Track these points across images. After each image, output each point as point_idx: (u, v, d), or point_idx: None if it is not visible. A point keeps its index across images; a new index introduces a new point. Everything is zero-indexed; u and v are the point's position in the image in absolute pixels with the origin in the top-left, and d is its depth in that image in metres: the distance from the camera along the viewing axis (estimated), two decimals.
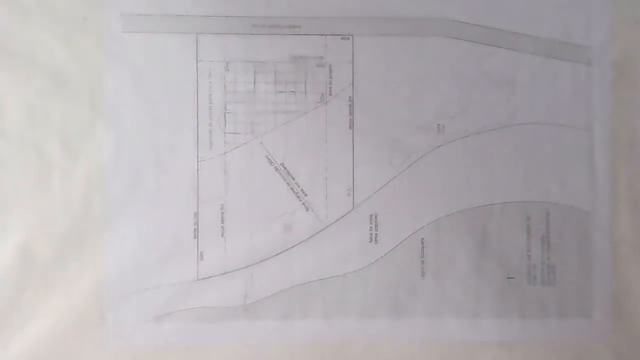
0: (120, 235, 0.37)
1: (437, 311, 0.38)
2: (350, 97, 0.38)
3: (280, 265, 0.37)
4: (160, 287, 0.37)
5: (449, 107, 0.38)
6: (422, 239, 0.38)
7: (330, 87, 0.38)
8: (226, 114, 0.38)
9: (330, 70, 0.38)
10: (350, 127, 0.38)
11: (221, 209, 0.37)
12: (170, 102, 0.37)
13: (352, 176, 0.38)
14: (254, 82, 0.38)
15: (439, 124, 0.38)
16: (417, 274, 0.38)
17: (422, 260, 0.38)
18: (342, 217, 0.38)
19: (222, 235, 0.37)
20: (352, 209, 0.38)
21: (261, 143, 0.38)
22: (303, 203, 0.38)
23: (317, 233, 0.38)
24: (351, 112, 0.38)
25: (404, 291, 0.38)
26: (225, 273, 0.37)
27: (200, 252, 0.37)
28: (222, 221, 0.37)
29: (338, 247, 0.38)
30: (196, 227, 0.37)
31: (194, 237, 0.37)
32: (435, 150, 0.38)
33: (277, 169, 0.38)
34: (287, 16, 0.38)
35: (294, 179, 0.38)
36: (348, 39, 0.38)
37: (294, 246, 0.37)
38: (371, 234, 0.38)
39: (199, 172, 0.37)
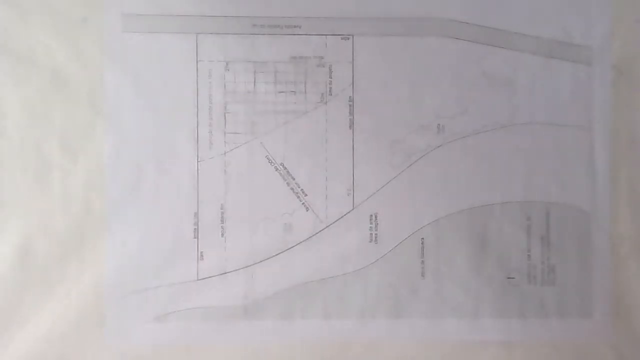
0: (120, 235, 0.37)
1: (437, 311, 0.38)
2: (350, 97, 0.38)
3: (280, 265, 0.37)
4: (160, 287, 0.37)
5: (449, 107, 0.38)
6: (422, 239, 0.38)
7: (330, 87, 0.38)
8: (226, 114, 0.38)
9: (330, 70, 0.38)
10: (350, 127, 0.38)
11: (221, 209, 0.37)
12: (170, 102, 0.37)
13: (352, 176, 0.38)
14: (254, 82, 0.38)
15: (439, 124, 0.38)
16: (417, 274, 0.38)
17: (422, 260, 0.38)
18: (342, 217, 0.38)
19: (222, 235, 0.37)
20: (352, 209, 0.38)
21: (261, 143, 0.38)
22: (303, 203, 0.38)
23: (317, 233, 0.38)
24: (351, 112, 0.38)
25: (404, 291, 0.38)
26: (225, 273, 0.37)
27: (200, 252, 0.37)
28: (222, 221, 0.37)
29: (338, 247, 0.38)
30: (196, 227, 0.37)
31: (194, 237, 0.37)
32: (435, 150, 0.38)
33: (277, 169, 0.38)
34: (287, 16, 0.38)
35: (294, 179, 0.38)
36: (348, 39, 0.38)
37: (294, 246, 0.37)
38: (371, 234, 0.38)
39: (199, 172, 0.37)
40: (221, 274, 0.37)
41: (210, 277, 0.37)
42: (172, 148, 0.37)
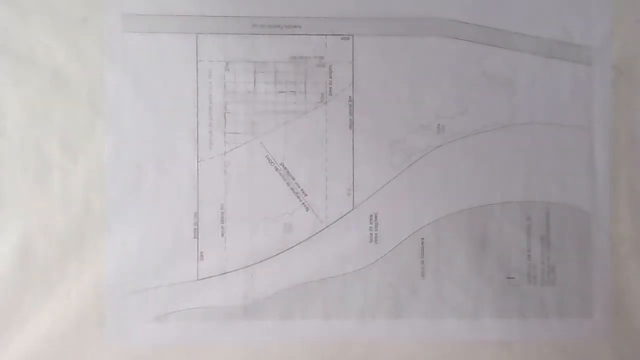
0: (120, 235, 0.37)
1: (437, 311, 0.38)
2: (350, 97, 0.38)
3: (280, 265, 0.37)
4: (160, 287, 0.37)
5: (449, 107, 0.38)
6: (422, 239, 0.38)
7: (330, 87, 0.38)
8: (226, 114, 0.38)
9: (330, 70, 0.38)
10: (350, 127, 0.38)
11: (221, 209, 0.37)
12: (170, 102, 0.37)
13: (352, 176, 0.38)
14: (254, 82, 0.38)
15: (439, 124, 0.38)
16: (417, 274, 0.38)
17: (422, 260, 0.38)
18: (342, 217, 0.38)
19: (222, 235, 0.37)
20: (352, 209, 0.38)
21: (261, 143, 0.38)
22: (303, 203, 0.38)
23: (317, 233, 0.38)
24: (351, 112, 0.38)
25: (404, 291, 0.38)
26: (225, 273, 0.37)
27: (200, 252, 0.37)
28: (222, 221, 0.37)
29: (338, 247, 0.38)
30: (196, 227, 0.37)
31: (194, 237, 0.37)
32: (435, 150, 0.38)
33: (277, 169, 0.38)
34: (287, 16, 0.38)
35: (294, 179, 0.38)
36: (348, 39, 0.38)
37: (294, 246, 0.37)
38: (371, 234, 0.38)
39: (199, 172, 0.37)
40: (221, 274, 0.37)
41: (210, 277, 0.37)
42: (172, 148, 0.37)
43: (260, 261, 0.37)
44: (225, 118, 0.38)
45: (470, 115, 0.38)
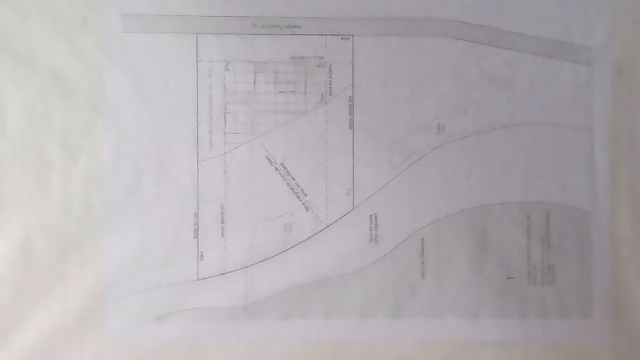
0: (120, 235, 0.37)
1: (437, 311, 0.38)
2: (350, 97, 0.38)
3: (280, 265, 0.37)
4: (161, 287, 0.37)
5: (449, 107, 0.38)
6: (422, 239, 0.38)
7: (330, 87, 0.38)
8: (226, 114, 0.38)
9: (330, 70, 0.38)
10: (350, 127, 0.38)
11: (221, 209, 0.37)
12: (170, 102, 0.37)
13: (352, 176, 0.38)
14: (254, 82, 0.38)
15: (439, 124, 0.38)
16: (417, 274, 0.38)
17: (422, 260, 0.38)
18: (342, 217, 0.38)
19: (222, 235, 0.37)
20: (352, 209, 0.38)
21: (261, 143, 0.38)
22: (303, 203, 0.38)
23: (317, 233, 0.38)
24: (351, 112, 0.38)
25: (404, 291, 0.38)
26: (225, 273, 0.37)
27: (200, 252, 0.37)
28: (222, 221, 0.37)
29: (338, 247, 0.38)
30: (196, 227, 0.37)
31: (194, 237, 0.37)
32: (435, 150, 0.38)
33: (277, 169, 0.38)
34: (287, 16, 0.38)
35: (294, 179, 0.38)
36: (348, 39, 0.38)
37: (294, 246, 0.37)
38: (371, 234, 0.38)
39: (199, 172, 0.37)
40: (221, 274, 0.37)
41: (210, 277, 0.37)
42: (172, 148, 0.37)
43: (260, 261, 0.37)
44: (225, 118, 0.38)
45: (470, 115, 0.38)
